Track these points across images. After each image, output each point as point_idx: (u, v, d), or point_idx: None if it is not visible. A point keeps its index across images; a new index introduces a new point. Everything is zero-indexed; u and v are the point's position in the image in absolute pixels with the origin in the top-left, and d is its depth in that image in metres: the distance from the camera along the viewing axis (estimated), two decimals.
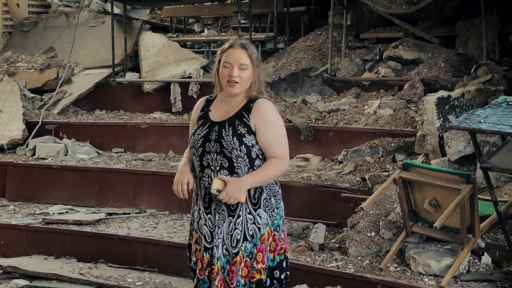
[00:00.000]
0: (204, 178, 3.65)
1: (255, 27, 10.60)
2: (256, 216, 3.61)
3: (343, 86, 8.23)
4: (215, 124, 3.63)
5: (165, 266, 5.88)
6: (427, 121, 6.18)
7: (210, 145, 3.60)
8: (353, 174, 6.36)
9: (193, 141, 3.67)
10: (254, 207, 3.62)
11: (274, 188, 3.69)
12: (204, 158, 3.62)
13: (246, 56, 3.61)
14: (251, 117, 3.60)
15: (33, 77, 9.36)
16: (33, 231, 6.43)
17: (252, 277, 3.61)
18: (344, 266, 4.98)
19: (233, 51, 3.62)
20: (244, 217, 3.60)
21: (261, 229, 3.61)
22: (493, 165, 4.53)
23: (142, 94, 8.95)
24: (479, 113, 4.48)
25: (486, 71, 6.91)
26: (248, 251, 3.61)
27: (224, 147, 3.57)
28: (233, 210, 3.60)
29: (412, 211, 4.87)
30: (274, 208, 3.67)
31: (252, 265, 3.61)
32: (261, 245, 3.61)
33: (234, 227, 3.60)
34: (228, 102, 3.69)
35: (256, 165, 3.59)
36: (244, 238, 3.60)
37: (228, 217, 3.61)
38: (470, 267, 4.73)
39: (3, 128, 8.21)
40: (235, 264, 3.58)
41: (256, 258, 3.61)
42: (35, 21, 10.87)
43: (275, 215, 3.67)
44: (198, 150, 3.64)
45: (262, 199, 3.62)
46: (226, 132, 3.58)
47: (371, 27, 9.16)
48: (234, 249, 3.60)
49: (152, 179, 6.95)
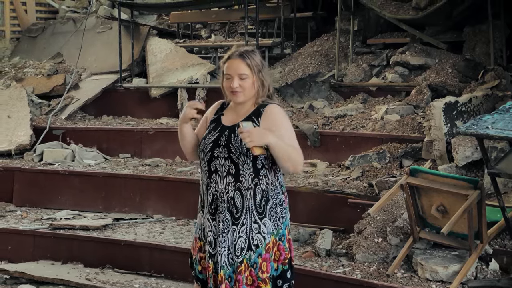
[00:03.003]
0: (211, 184, 3.62)
1: (262, 32, 10.61)
2: (262, 225, 3.59)
3: (350, 92, 8.23)
4: (226, 128, 3.64)
5: (172, 272, 5.87)
6: (434, 127, 6.17)
7: (218, 150, 3.59)
8: (360, 179, 6.35)
9: (203, 145, 3.66)
10: (260, 216, 3.60)
11: (281, 198, 3.67)
12: (212, 164, 3.61)
13: (245, 65, 3.60)
14: (261, 121, 3.59)
15: (41, 82, 9.39)
16: (40, 236, 6.43)
17: (257, 287, 3.59)
18: (351, 272, 4.96)
19: (232, 62, 3.62)
20: (249, 226, 3.58)
21: (266, 238, 3.59)
22: (500, 171, 4.52)
23: (149, 99, 8.96)
24: (487, 118, 4.47)
25: (494, 77, 6.90)
26: (252, 261, 3.58)
27: (232, 152, 3.55)
28: (237, 218, 3.57)
29: (419, 217, 4.85)
30: (279, 217, 3.65)
31: (257, 275, 3.58)
32: (266, 255, 3.59)
33: (238, 236, 3.58)
34: (237, 108, 3.69)
35: (261, 175, 3.57)
36: (248, 247, 3.57)
37: (232, 225, 3.58)
38: (478, 274, 4.71)
39: (11, 134, 8.24)
40: (240, 273, 3.56)
41: (261, 268, 3.58)
42: (42, 27, 10.92)
43: (280, 224, 3.65)
44: (207, 155, 3.63)
45: (268, 208, 3.60)
46: (235, 137, 3.56)
47: (378, 32, 9.16)
48: (238, 258, 3.57)
49: (159, 185, 6.96)
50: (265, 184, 3.58)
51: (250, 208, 3.57)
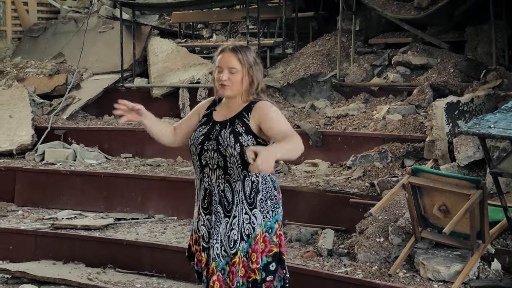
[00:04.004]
0: (204, 178, 3.67)
1: (264, 32, 10.61)
2: (252, 216, 3.63)
3: (351, 92, 8.23)
4: (217, 123, 3.69)
5: (173, 272, 5.87)
6: (436, 127, 6.16)
7: (208, 143, 3.64)
8: (362, 179, 6.35)
9: (193, 138, 3.71)
10: (250, 207, 3.63)
11: (272, 192, 3.68)
12: (203, 157, 3.66)
13: (236, 60, 3.63)
14: (251, 116, 3.62)
15: (42, 82, 9.40)
16: (41, 236, 6.43)
17: (248, 277, 3.63)
18: (352, 271, 4.96)
19: (224, 55, 3.66)
20: (240, 218, 3.62)
21: (256, 229, 3.62)
22: (503, 170, 4.51)
23: (151, 99, 8.96)
24: (489, 118, 4.46)
25: (496, 76, 6.89)
26: (244, 251, 3.62)
27: (220, 144, 3.59)
28: (229, 210, 3.62)
29: (421, 217, 4.84)
30: (269, 210, 3.67)
31: (249, 265, 3.63)
32: (255, 245, 3.62)
33: (231, 228, 3.62)
34: (229, 104, 3.73)
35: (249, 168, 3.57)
36: (241, 238, 3.61)
37: (224, 218, 3.63)
38: (480, 273, 4.70)
39: (12, 134, 8.24)
40: (234, 265, 3.60)
41: (251, 258, 3.63)
42: (44, 27, 10.93)
43: (269, 217, 3.67)
44: (197, 148, 3.67)
45: (258, 200, 3.64)
46: (225, 131, 3.62)
47: (379, 32, 9.15)
48: (232, 250, 3.61)
49: (160, 185, 6.96)
50: (255, 176, 3.61)
51: (240, 200, 3.61)
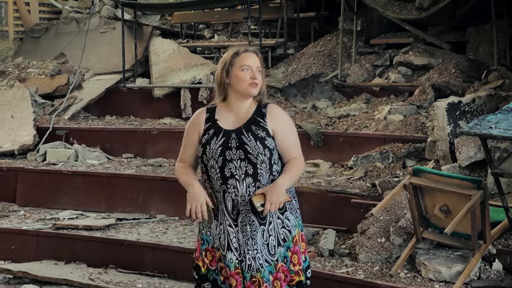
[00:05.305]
0: (229, 189, 3.56)
1: (265, 32, 10.60)
2: (285, 219, 3.62)
3: (353, 92, 8.22)
4: (231, 132, 3.58)
5: (175, 272, 5.87)
6: (438, 127, 6.16)
7: (231, 153, 3.54)
8: (363, 180, 6.35)
9: (210, 151, 3.56)
10: (281, 211, 3.61)
11: (292, 189, 3.70)
12: (226, 168, 3.54)
13: (260, 60, 3.65)
14: (267, 121, 3.60)
15: (44, 82, 9.41)
16: (43, 236, 6.44)
17: (291, 280, 3.62)
18: (354, 272, 4.96)
19: (250, 54, 3.63)
20: (274, 223, 3.60)
21: (292, 231, 3.63)
22: (504, 171, 4.51)
23: (152, 99, 8.97)
24: (490, 118, 4.46)
25: (497, 77, 6.89)
26: (282, 256, 3.61)
27: (250, 153, 3.52)
28: (263, 218, 3.57)
29: (422, 217, 4.84)
30: (296, 209, 3.70)
31: (289, 268, 3.62)
32: (295, 247, 3.63)
33: (268, 235, 3.58)
34: (235, 109, 3.66)
35: (274, 170, 3.58)
36: (278, 244, 3.60)
37: (260, 226, 3.57)
38: (481, 274, 4.70)
39: (14, 134, 8.25)
40: (279, 271, 3.58)
41: (292, 261, 3.62)
42: (46, 27, 10.93)
43: (299, 215, 3.71)
44: (218, 161, 3.55)
45: (286, 202, 3.62)
46: (247, 138, 3.54)
47: (381, 32, 9.15)
48: (274, 257, 3.58)
49: (162, 185, 6.96)
50: None
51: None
